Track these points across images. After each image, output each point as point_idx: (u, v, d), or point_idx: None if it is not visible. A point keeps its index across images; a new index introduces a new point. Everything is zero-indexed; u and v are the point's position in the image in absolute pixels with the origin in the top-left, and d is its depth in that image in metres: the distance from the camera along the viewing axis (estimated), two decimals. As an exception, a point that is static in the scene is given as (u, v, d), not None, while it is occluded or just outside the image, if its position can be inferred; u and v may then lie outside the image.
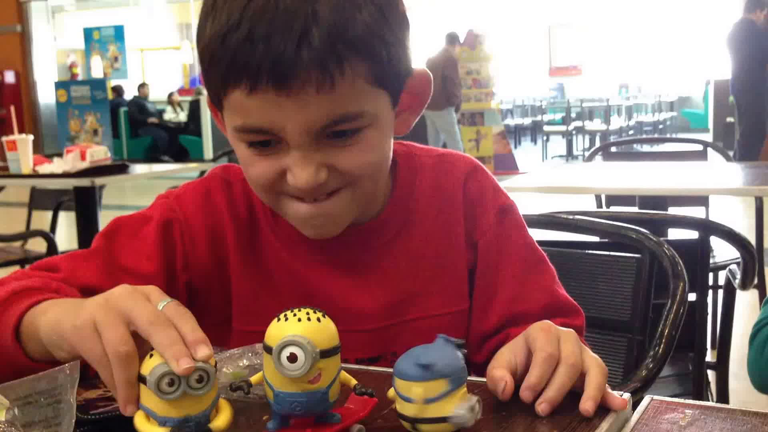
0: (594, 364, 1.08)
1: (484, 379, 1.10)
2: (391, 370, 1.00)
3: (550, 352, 1.07)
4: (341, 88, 1.15)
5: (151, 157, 17.66)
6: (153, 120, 18.51)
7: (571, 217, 2.01)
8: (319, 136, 1.19)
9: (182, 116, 18.61)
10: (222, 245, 1.39)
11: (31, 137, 5.07)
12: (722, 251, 3.63)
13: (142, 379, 0.92)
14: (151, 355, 0.93)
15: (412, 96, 1.33)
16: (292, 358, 0.91)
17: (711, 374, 2.63)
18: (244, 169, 1.29)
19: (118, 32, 18.87)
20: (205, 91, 1.31)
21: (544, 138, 17.73)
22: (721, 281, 3.53)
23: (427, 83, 1.35)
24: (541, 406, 1.04)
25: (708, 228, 2.37)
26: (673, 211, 3.68)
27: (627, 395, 1.06)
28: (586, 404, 1.03)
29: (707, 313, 2.66)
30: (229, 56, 1.14)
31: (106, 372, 0.96)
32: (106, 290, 1.16)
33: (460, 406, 0.96)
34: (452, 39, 13.03)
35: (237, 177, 1.42)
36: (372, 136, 1.24)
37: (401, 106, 1.31)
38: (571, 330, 1.13)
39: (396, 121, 1.31)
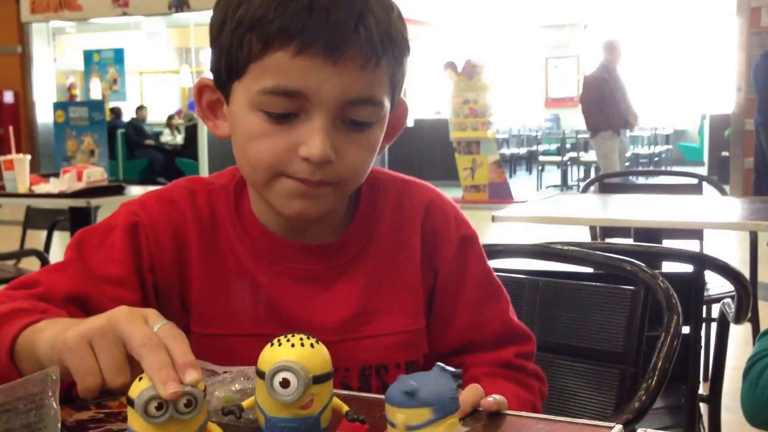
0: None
1: None
2: (382, 396, 1.00)
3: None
4: (378, 74, 1.27)
5: (147, 178, 17.68)
6: (150, 142, 18.53)
7: (565, 248, 2.02)
8: (342, 115, 1.27)
9: (179, 139, 18.63)
10: (185, 250, 1.41)
11: (28, 157, 5.08)
12: (716, 284, 3.63)
13: (130, 402, 0.91)
14: (141, 378, 0.92)
15: (389, 123, 1.39)
16: (285, 383, 0.92)
17: (703, 407, 2.63)
18: (247, 146, 1.31)
19: (118, 55, 18.90)
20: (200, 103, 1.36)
21: (539, 168, 17.78)
22: (715, 314, 3.53)
23: (404, 114, 1.44)
24: None
25: (703, 262, 2.37)
26: (667, 243, 3.68)
27: (618, 428, 1.06)
28: None
29: (701, 346, 2.66)
30: (283, 20, 1.22)
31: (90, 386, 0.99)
32: (89, 296, 1.28)
33: None
34: (610, 47, 10.71)
35: (201, 187, 1.46)
36: (376, 136, 1.34)
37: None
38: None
39: None
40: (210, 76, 1.38)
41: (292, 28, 1.21)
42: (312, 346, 0.95)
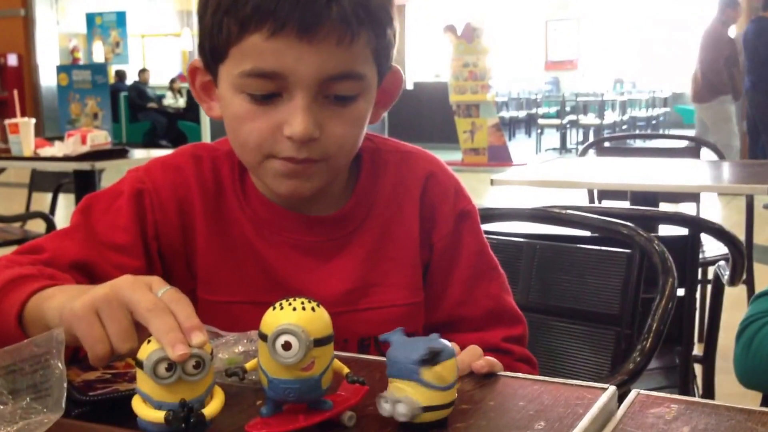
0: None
1: None
2: (382, 359, 1.02)
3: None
4: (355, 48, 1.27)
5: (150, 141, 17.64)
6: (152, 105, 18.48)
7: (563, 211, 2.03)
8: (323, 91, 1.28)
9: (181, 102, 18.56)
10: (189, 216, 1.43)
11: (33, 121, 5.10)
12: (712, 246, 3.65)
13: (139, 364, 0.94)
14: (149, 341, 0.95)
15: (382, 92, 1.42)
16: (287, 346, 0.93)
17: (698, 367, 2.65)
18: (235, 128, 1.33)
19: (120, 18, 18.85)
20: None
21: (539, 131, 17.73)
22: (710, 276, 3.55)
23: (398, 82, 1.45)
24: None
25: (698, 225, 2.39)
26: (664, 206, 3.69)
27: (613, 389, 1.08)
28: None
29: (695, 308, 2.67)
30: (256, 2, 1.23)
31: (99, 353, 1.02)
32: (94, 263, 1.29)
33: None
34: (732, 4, 9.52)
35: (207, 153, 1.47)
36: (362, 108, 1.34)
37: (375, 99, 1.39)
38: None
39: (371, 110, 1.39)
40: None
41: (264, 9, 1.22)
42: (313, 309, 0.96)
